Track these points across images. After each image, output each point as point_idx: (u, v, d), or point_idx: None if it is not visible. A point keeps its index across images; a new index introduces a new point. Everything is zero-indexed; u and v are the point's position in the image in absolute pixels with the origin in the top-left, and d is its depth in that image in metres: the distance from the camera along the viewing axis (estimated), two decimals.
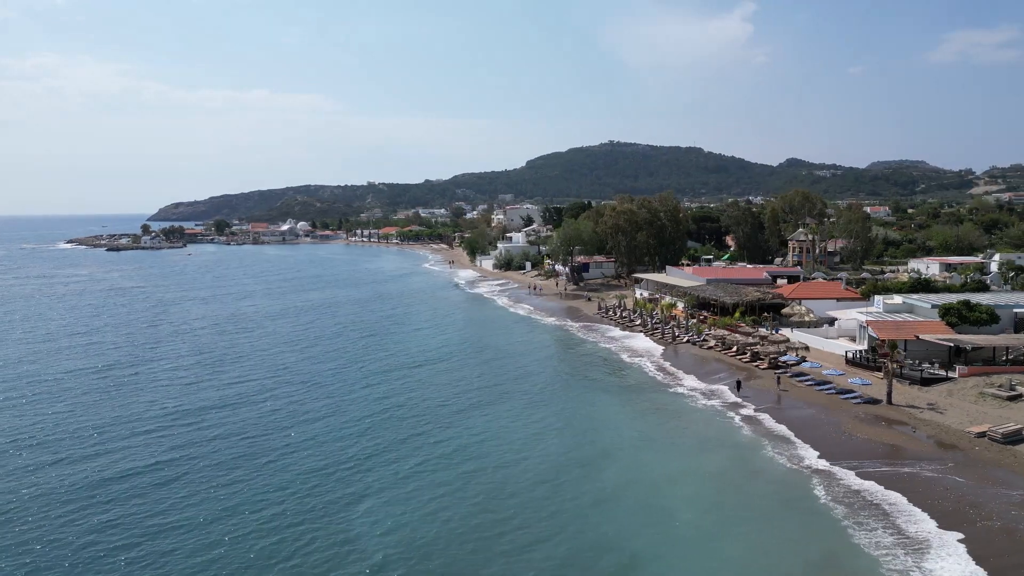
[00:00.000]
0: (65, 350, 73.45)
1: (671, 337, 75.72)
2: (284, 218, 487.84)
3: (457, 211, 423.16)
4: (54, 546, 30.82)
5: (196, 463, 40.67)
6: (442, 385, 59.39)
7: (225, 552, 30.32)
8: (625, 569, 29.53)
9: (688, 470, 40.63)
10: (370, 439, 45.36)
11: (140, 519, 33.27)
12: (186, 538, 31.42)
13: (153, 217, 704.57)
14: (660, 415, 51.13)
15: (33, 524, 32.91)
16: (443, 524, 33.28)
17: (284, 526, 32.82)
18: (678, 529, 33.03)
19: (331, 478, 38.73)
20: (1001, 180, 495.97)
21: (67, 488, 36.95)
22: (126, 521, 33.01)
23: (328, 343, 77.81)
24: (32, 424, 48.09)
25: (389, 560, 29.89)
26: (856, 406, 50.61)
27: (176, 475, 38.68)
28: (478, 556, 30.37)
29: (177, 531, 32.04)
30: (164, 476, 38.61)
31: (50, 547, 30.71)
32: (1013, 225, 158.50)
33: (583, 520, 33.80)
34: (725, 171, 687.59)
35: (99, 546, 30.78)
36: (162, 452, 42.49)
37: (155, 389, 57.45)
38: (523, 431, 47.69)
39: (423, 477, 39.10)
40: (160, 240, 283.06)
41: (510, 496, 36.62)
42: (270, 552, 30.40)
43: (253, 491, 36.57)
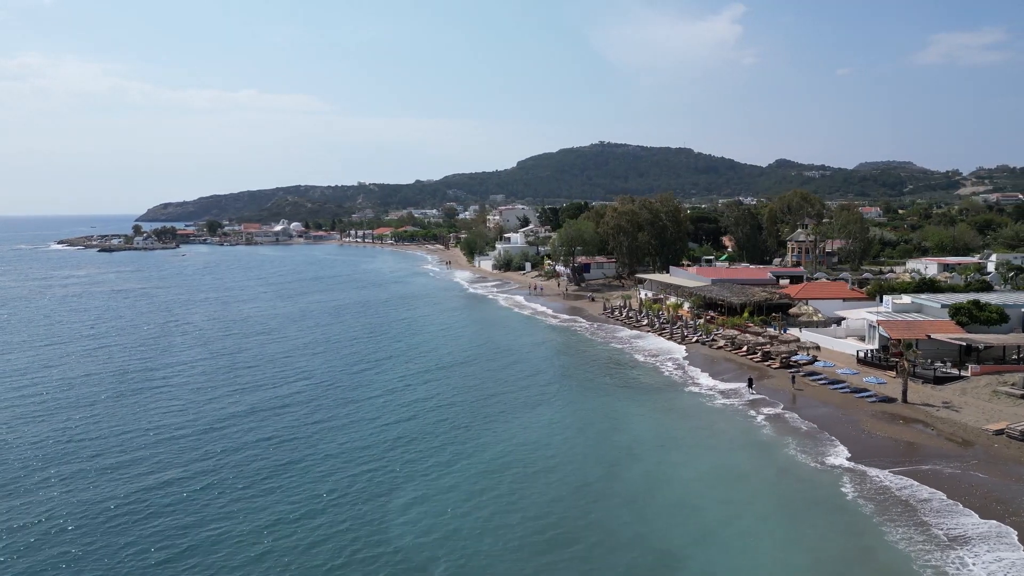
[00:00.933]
0: (81, 354, 72.36)
1: (680, 337, 76.36)
2: (275, 219, 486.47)
3: (449, 211, 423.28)
4: (105, 560, 30.42)
5: (233, 470, 40.29)
6: (463, 388, 59.44)
7: (275, 562, 30.28)
8: (665, 568, 29.86)
9: (715, 468, 41.13)
10: (401, 442, 45.45)
11: (185, 529, 32.91)
12: (233, 548, 31.11)
13: (142, 218, 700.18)
14: (680, 414, 51.69)
15: (78, 535, 32.57)
16: (479, 524, 33.57)
17: (329, 531, 32.85)
18: (713, 528, 33.45)
19: (368, 481, 38.78)
20: (988, 181, 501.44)
21: (107, 498, 36.45)
22: (171, 531, 32.74)
23: (347, 347, 76.74)
24: (59, 431, 47.64)
25: (428, 558, 30.31)
26: (872, 405, 51.34)
27: (214, 483, 38.38)
28: (514, 555, 30.69)
29: (225, 542, 31.69)
30: (202, 483, 38.33)
31: (101, 560, 30.32)
32: (1006, 226, 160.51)
33: (615, 519, 34.18)
34: (715, 172, 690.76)
35: (148, 558, 30.51)
36: (196, 459, 42.22)
37: (179, 395, 56.87)
38: (546, 432, 48.07)
39: (455, 479, 39.32)
40: (153, 241, 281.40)
41: (540, 496, 36.94)
42: (319, 558, 30.51)
43: (294, 498, 36.38)
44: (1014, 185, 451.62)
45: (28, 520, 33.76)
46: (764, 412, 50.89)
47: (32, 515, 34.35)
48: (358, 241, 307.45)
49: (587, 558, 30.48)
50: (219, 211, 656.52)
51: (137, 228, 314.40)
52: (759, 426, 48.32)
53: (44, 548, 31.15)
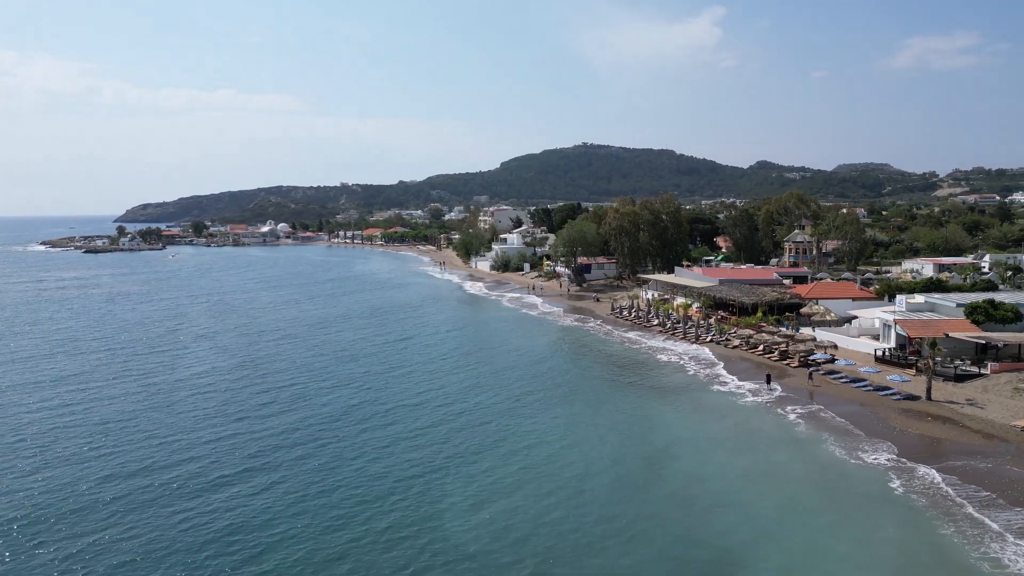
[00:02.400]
0: (105, 363, 70.12)
1: (694, 337, 77.28)
2: (258, 219, 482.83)
3: (436, 212, 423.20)
4: (174, 562, 30.56)
5: (291, 474, 40.14)
6: (496, 389, 59.68)
7: (357, 563, 30.56)
8: (732, 565, 30.33)
9: (759, 466, 41.87)
10: (450, 442, 45.80)
11: (249, 530, 33.06)
12: (309, 552, 31.45)
13: (120, 218, 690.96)
14: (712, 413, 52.46)
15: (145, 537, 32.63)
16: (532, 522, 33.98)
17: (389, 530, 33.20)
18: (770, 525, 34.05)
19: (425, 483, 38.96)
20: (964, 182, 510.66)
21: (166, 498, 36.46)
22: (234, 532, 32.90)
23: (374, 352, 75.46)
24: (100, 433, 47.41)
25: (484, 554, 30.91)
26: (896, 402, 52.48)
27: (277, 487, 38.30)
28: (572, 552, 31.16)
29: (288, 542, 31.96)
30: (258, 484, 38.40)
31: (169, 563, 30.45)
32: (993, 226, 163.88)
33: (674, 518, 34.72)
34: (697, 173, 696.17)
35: (219, 559, 30.76)
36: (245, 459, 42.25)
37: (209, 398, 56.41)
38: (586, 432, 48.60)
39: (513, 480, 39.68)
40: (138, 242, 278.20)
41: (587, 494, 37.52)
42: (398, 561, 30.80)
43: (348, 499, 36.57)
44: (990, 186, 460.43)
45: (101, 528, 33.54)
46: (795, 410, 51.84)
47: (101, 522, 34.21)
48: (347, 242, 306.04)
49: (644, 553, 30.98)
50: (200, 212, 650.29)
51: (121, 229, 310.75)
52: (792, 423, 49.22)
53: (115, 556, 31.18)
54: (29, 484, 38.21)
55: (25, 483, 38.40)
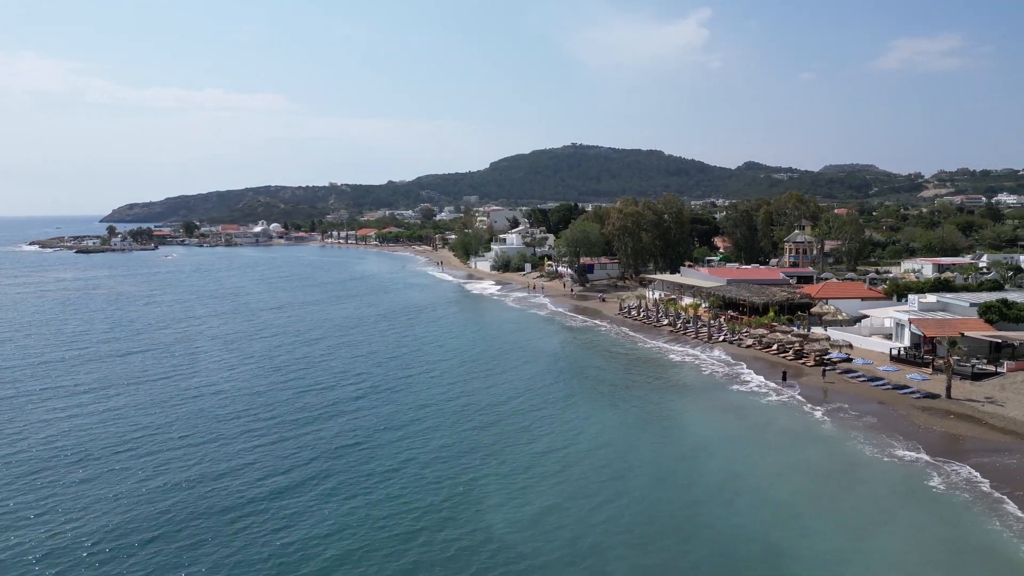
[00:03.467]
0: (126, 363, 69.40)
1: (707, 337, 77.92)
2: (248, 219, 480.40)
3: (427, 212, 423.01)
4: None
5: (340, 479, 40.01)
6: (521, 391, 59.81)
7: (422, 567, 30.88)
8: (778, 561, 30.72)
9: (793, 464, 42.44)
10: (488, 443, 46.04)
11: (305, 535, 33.06)
12: (355, 551, 31.70)
13: (107, 218, 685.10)
14: (736, 412, 53.01)
15: (208, 546, 32.54)
16: (583, 522, 34.29)
17: (444, 532, 33.44)
18: (812, 522, 34.51)
19: (463, 483, 39.24)
20: (949, 183, 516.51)
21: (223, 506, 36.17)
22: (293, 537, 32.86)
23: (394, 355, 74.44)
24: (142, 440, 46.92)
25: (542, 556, 31.20)
26: (917, 401, 53.27)
27: (318, 489, 38.41)
28: (631, 552, 31.50)
29: (345, 546, 32.12)
30: (308, 490, 38.25)
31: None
32: (987, 227, 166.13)
33: (711, 513, 35.16)
34: (685, 173, 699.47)
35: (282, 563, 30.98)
36: (290, 465, 41.97)
37: (245, 404, 55.59)
38: (615, 431, 49.17)
39: (543, 479, 39.98)
40: (130, 242, 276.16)
41: (631, 493, 37.90)
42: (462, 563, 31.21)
43: (399, 503, 36.42)
44: (974, 187, 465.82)
45: (161, 538, 33.35)
46: (818, 408, 52.51)
47: (160, 531, 34.10)
48: (340, 242, 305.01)
49: (714, 553, 31.35)
50: (187, 212, 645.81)
51: (111, 229, 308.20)
52: (819, 422, 49.87)
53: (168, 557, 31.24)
54: (79, 494, 37.42)
55: (75, 494, 37.57)
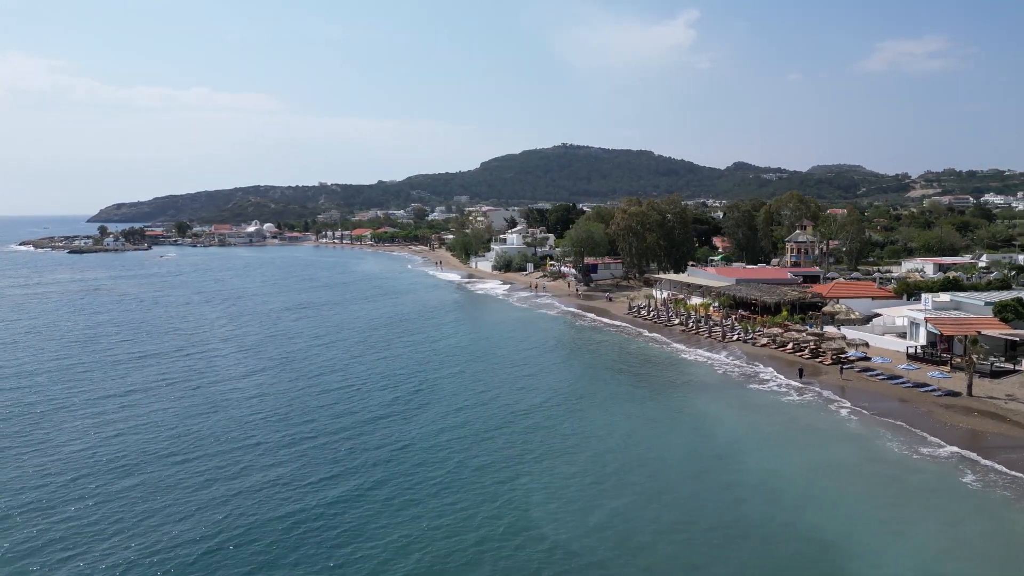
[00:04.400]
0: (151, 367, 67.89)
1: (720, 336, 78.44)
2: (238, 219, 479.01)
3: (419, 212, 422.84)
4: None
5: (378, 476, 40.22)
6: (541, 390, 59.90)
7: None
8: (831, 557, 30.99)
9: (824, 461, 42.80)
10: (522, 445, 45.98)
11: (356, 537, 33.06)
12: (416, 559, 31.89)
13: (94, 218, 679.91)
14: (760, 410, 53.43)
15: (261, 543, 32.60)
16: (645, 527, 34.30)
17: (504, 537, 33.44)
18: (855, 518, 34.64)
19: (513, 485, 39.25)
20: (936, 184, 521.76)
21: (274, 505, 36.23)
22: (344, 537, 32.98)
23: (412, 354, 74.10)
24: (185, 442, 46.76)
25: (589, 550, 31.47)
26: (938, 398, 53.87)
27: (363, 490, 38.45)
28: (671, 548, 31.74)
29: (404, 552, 32.32)
30: (355, 490, 38.21)
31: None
32: (982, 227, 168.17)
33: (760, 512, 35.29)
34: (675, 174, 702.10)
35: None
36: (332, 466, 41.86)
37: (279, 404, 55.29)
38: (645, 430, 49.39)
39: (577, 477, 40.22)
40: (122, 242, 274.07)
41: (674, 493, 38.15)
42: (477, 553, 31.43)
43: (453, 506, 36.37)
44: (961, 188, 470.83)
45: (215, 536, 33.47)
46: (842, 406, 53.05)
47: (213, 528, 34.16)
48: (335, 242, 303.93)
49: (772, 553, 31.53)
50: (175, 211, 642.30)
51: (103, 229, 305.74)
52: (844, 420, 50.39)
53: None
54: (130, 503, 36.90)
55: (126, 503, 37.08)
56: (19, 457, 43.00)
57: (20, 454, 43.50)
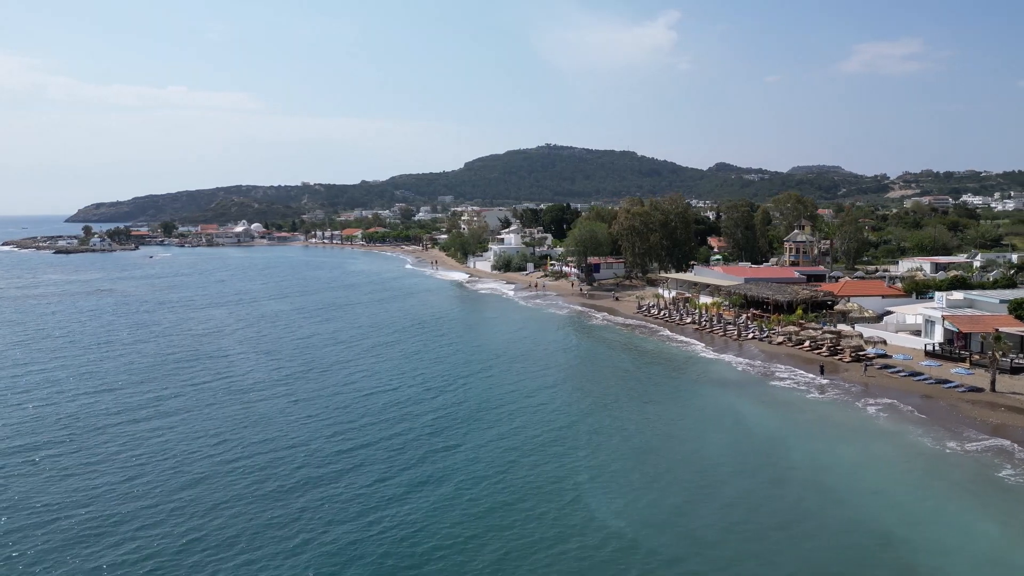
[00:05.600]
0: (181, 376, 65.76)
1: (736, 334, 79.44)
2: (221, 219, 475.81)
3: (406, 212, 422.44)
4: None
5: (434, 477, 40.64)
6: (567, 388, 60.59)
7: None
8: (898, 549, 31.69)
9: (864, 456, 43.62)
10: (566, 443, 46.61)
11: (419, 537, 33.64)
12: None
13: (72, 218, 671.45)
14: (787, 407, 54.23)
15: (325, 549, 32.90)
16: (684, 516, 35.15)
17: (576, 538, 33.92)
18: (912, 511, 35.46)
19: (562, 486, 39.95)
20: (915, 184, 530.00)
21: (330, 509, 36.36)
22: (424, 541, 33.35)
23: (441, 356, 73.85)
24: (233, 443, 46.87)
25: (663, 547, 32.01)
26: (962, 394, 55.11)
27: (423, 491, 38.86)
28: (740, 545, 32.25)
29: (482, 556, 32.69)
30: (413, 491, 38.61)
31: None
32: (971, 227, 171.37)
33: (817, 508, 35.89)
34: (658, 174, 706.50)
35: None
36: (394, 466, 42.35)
37: (319, 404, 55.46)
38: (682, 426, 50.11)
39: (628, 474, 40.93)
40: (108, 242, 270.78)
41: (728, 487, 38.87)
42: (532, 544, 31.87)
43: (516, 507, 36.46)
44: (939, 188, 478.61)
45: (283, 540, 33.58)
46: (869, 403, 54.01)
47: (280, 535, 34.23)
48: (325, 242, 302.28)
49: (839, 545, 32.16)
50: (156, 211, 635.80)
51: (88, 229, 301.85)
52: (873, 416, 51.33)
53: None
54: (193, 503, 37.10)
55: (188, 502, 37.33)
56: (79, 469, 42.44)
57: (77, 466, 42.81)
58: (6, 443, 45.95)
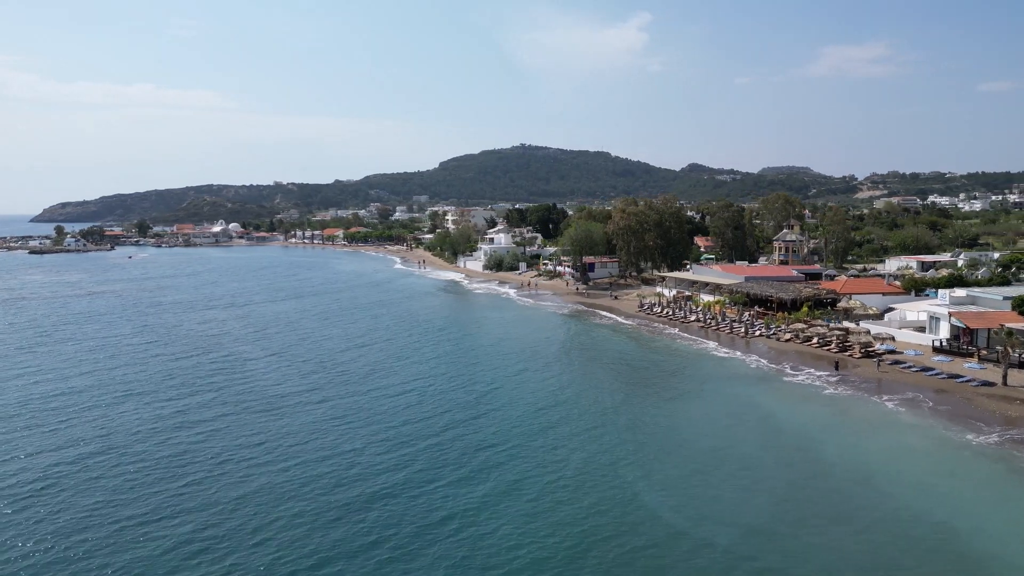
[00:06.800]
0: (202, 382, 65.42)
1: (743, 332, 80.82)
2: (194, 219, 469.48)
3: (383, 212, 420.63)
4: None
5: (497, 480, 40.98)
6: (591, 387, 61.25)
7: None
8: (953, 538, 32.64)
9: (895, 449, 44.67)
10: (598, 437, 47.47)
11: (483, 536, 34.14)
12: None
13: (38, 218, 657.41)
14: (808, 401, 55.39)
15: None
16: (737, 508, 35.97)
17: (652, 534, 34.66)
18: (957, 501, 36.67)
19: (612, 484, 40.62)
20: (882, 185, 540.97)
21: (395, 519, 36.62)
22: (488, 545, 33.79)
23: (462, 357, 73.36)
24: (278, 447, 46.71)
25: (721, 538, 32.78)
26: (975, 389, 56.84)
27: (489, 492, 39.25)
28: (803, 537, 33.04)
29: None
30: (474, 493, 38.93)
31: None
32: (949, 227, 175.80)
33: (866, 500, 36.75)
34: (631, 175, 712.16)
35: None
36: (445, 470, 42.58)
37: (350, 408, 55.22)
38: (710, 422, 51.03)
39: (676, 467, 41.77)
40: (83, 243, 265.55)
41: (762, 478, 39.84)
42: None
43: (580, 508, 36.86)
44: (906, 189, 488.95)
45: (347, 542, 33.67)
46: (887, 398, 55.38)
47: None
48: (305, 242, 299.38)
49: (897, 536, 33.07)
50: (124, 211, 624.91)
51: (60, 229, 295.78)
52: (894, 411, 52.59)
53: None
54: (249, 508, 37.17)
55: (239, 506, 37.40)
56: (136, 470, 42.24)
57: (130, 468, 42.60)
58: (59, 455, 45.20)
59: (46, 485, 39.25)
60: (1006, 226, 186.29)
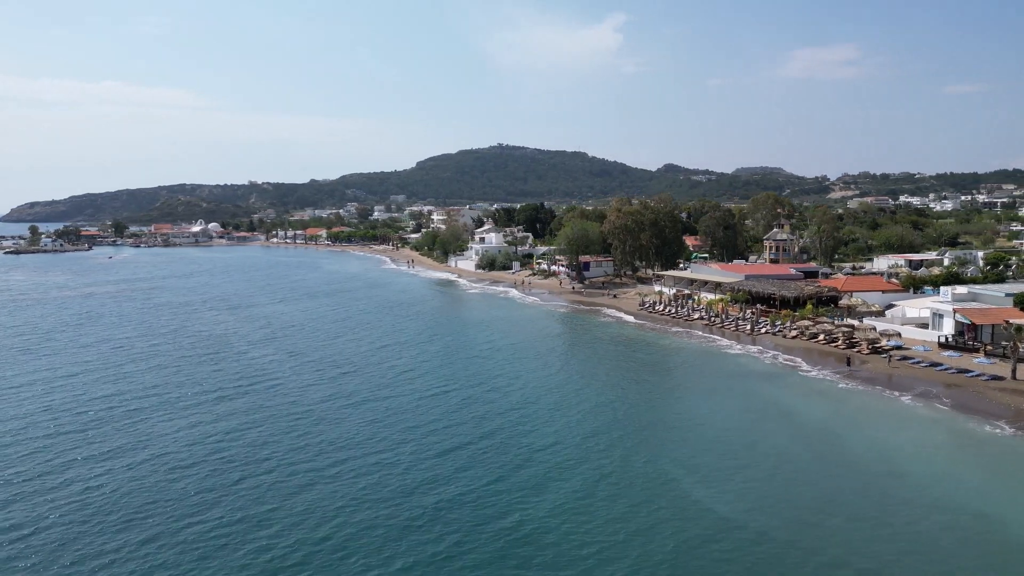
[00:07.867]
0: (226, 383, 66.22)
1: (749, 329, 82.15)
2: (168, 219, 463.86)
3: (363, 212, 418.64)
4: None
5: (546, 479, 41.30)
6: (610, 385, 62.13)
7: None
8: (995, 528, 33.69)
9: (921, 443, 45.94)
10: (636, 434, 48.17)
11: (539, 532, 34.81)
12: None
13: (5, 218, 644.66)
14: (823, 397, 56.68)
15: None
16: (781, 502, 36.91)
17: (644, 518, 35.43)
18: (994, 493, 37.90)
19: (649, 482, 41.41)
20: (854, 185, 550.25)
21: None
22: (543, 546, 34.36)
23: (476, 358, 72.76)
24: (308, 448, 46.72)
25: (771, 531, 33.69)
26: (986, 383, 58.54)
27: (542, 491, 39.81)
28: (849, 531, 33.95)
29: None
30: (516, 494, 39.45)
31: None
32: (928, 226, 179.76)
33: (903, 493, 37.72)
34: (608, 175, 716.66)
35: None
36: (491, 470, 43.33)
37: (377, 409, 55.60)
38: (736, 420, 51.92)
39: (719, 460, 42.68)
40: (60, 243, 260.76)
41: (798, 472, 40.84)
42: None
43: (628, 507, 37.52)
44: (877, 190, 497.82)
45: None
46: (901, 392, 56.70)
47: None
48: (287, 242, 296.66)
49: (932, 524, 34.21)
50: (94, 211, 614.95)
51: (35, 229, 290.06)
52: (910, 405, 53.93)
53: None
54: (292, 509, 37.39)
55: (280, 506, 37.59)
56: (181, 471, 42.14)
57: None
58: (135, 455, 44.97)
59: (126, 490, 39.06)
60: (981, 225, 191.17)
